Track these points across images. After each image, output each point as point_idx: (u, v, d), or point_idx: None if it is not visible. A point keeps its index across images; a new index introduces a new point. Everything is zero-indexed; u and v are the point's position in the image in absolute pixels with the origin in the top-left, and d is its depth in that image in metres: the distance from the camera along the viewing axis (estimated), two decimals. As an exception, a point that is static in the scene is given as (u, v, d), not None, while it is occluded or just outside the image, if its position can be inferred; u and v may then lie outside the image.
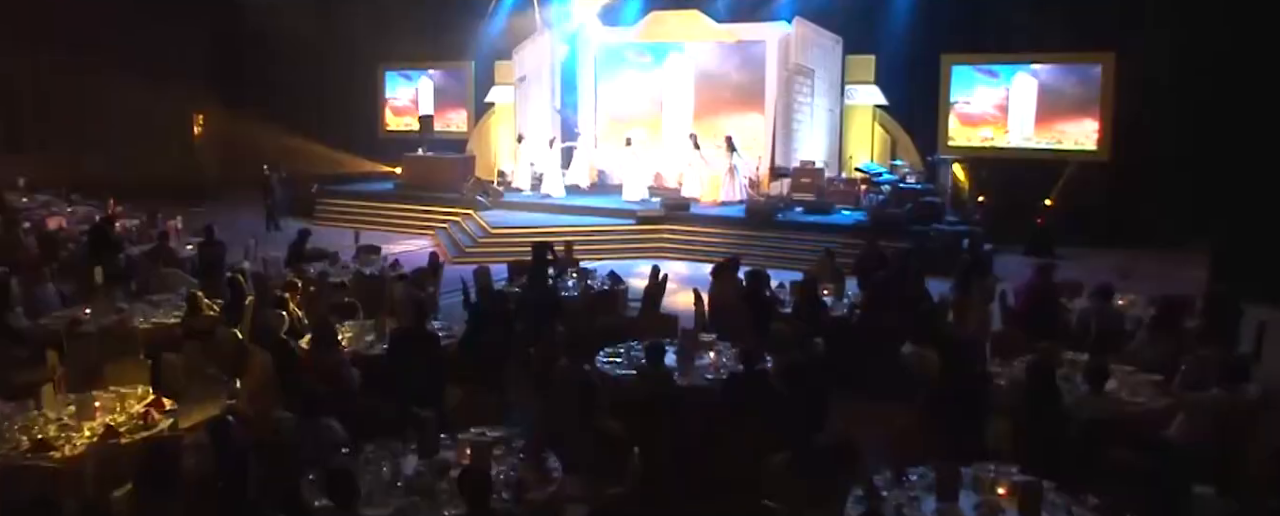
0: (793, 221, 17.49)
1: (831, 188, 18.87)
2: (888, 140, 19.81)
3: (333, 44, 24.27)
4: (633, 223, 18.06)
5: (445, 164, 21.97)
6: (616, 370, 7.91)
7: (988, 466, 5.63)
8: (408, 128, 25.41)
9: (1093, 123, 18.30)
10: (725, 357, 8.19)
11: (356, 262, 12.54)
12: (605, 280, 11.46)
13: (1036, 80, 18.79)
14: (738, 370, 7.43)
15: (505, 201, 19.98)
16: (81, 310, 9.84)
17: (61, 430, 6.58)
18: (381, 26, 24.26)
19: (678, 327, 9.22)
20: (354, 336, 8.91)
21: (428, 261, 12.86)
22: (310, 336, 8.43)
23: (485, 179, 21.50)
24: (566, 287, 11.07)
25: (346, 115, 25.51)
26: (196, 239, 13.51)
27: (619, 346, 8.46)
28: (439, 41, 24.28)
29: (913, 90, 19.50)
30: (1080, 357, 7.91)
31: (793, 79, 19.59)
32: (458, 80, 25.06)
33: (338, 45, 24.36)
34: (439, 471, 5.66)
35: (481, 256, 16.57)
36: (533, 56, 22.22)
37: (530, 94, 22.23)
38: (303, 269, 12.01)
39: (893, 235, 16.00)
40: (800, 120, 19.77)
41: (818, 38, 19.64)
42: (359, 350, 8.53)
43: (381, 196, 21.77)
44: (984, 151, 19.06)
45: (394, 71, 26.13)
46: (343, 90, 25.35)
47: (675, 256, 17.27)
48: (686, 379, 7.70)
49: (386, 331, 8.81)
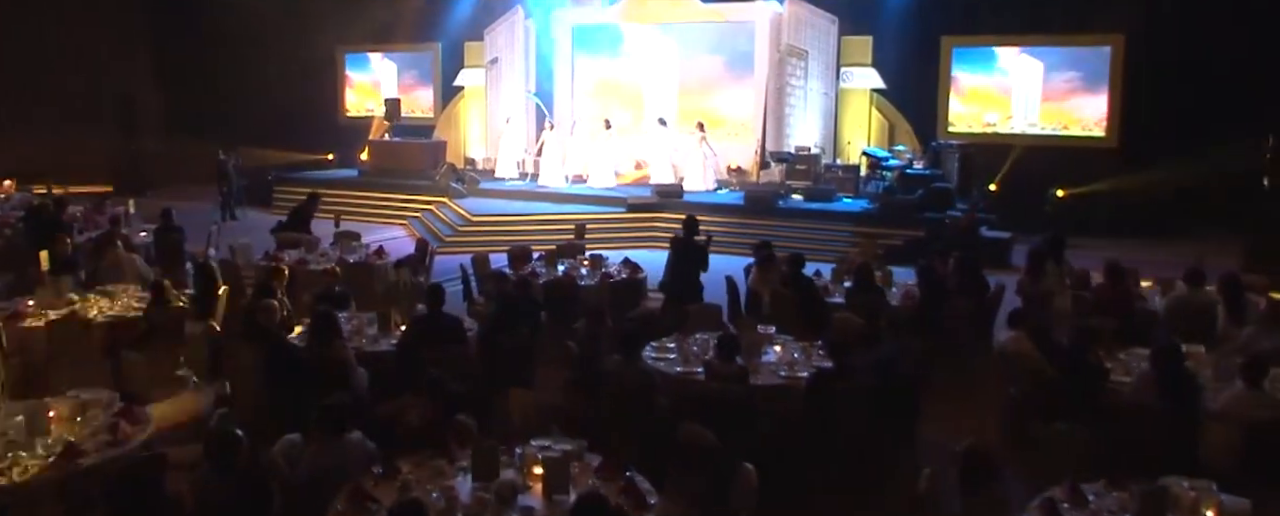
0: (794, 209, 16.47)
1: (830, 174, 17.90)
2: (885, 125, 18.90)
3: (289, 24, 22.68)
4: (623, 211, 16.91)
5: (414, 149, 20.60)
6: (672, 367, 6.78)
7: (1180, 481, 4.60)
8: (371, 112, 23.92)
9: (1100, 107, 17.55)
10: (795, 352, 7.10)
11: (337, 249, 11.19)
12: (621, 268, 10.31)
13: (1041, 63, 17.98)
14: (823, 367, 6.36)
15: (482, 188, 18.68)
16: (23, 302, 8.43)
17: (8, 448, 5.26)
18: (340, 4, 22.70)
19: (722, 319, 8.09)
20: (352, 330, 7.65)
21: (416, 248, 11.65)
22: (305, 328, 7.15)
23: (458, 165, 20.17)
24: (581, 276, 9.91)
25: (304, 99, 23.86)
26: (151, 225, 12.05)
27: (665, 340, 7.32)
28: (402, 22, 22.82)
29: (911, 73, 18.58)
30: (1194, 348, 6.96)
31: (785, 61, 18.60)
32: (423, 63, 23.64)
33: (294, 25, 22.76)
34: (505, 496, 4.47)
35: (464, 246, 15.36)
36: (505, 37, 20.96)
37: (502, 77, 20.98)
38: (280, 255, 10.68)
39: (903, 222, 15.14)
40: (793, 104, 18.78)
41: (812, 17, 18.68)
42: (360, 346, 7.28)
43: (346, 184, 20.31)
44: (987, 137, 18.23)
45: (355, 53, 24.57)
46: (300, 72, 23.67)
47: (668, 245, 16.12)
48: (757, 377, 6.58)
49: (393, 324, 7.57)
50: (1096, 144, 17.53)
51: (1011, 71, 18.23)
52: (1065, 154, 17.53)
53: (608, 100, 20.50)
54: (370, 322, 7.76)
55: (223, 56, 23.08)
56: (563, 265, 10.37)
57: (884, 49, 18.59)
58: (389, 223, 18.39)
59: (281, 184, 20.64)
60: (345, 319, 7.86)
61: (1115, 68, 17.31)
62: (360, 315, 8.08)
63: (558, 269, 10.18)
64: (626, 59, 20.38)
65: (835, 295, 9.19)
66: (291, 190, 20.28)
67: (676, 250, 10.36)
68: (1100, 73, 17.50)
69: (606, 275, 9.91)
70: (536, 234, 15.84)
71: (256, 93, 22.95)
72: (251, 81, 23.03)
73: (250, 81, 23.04)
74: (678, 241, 10.46)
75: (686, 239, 10.32)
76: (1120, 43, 17.19)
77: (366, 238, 14.74)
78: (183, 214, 16.50)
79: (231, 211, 18.76)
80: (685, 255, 10.07)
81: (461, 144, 22.19)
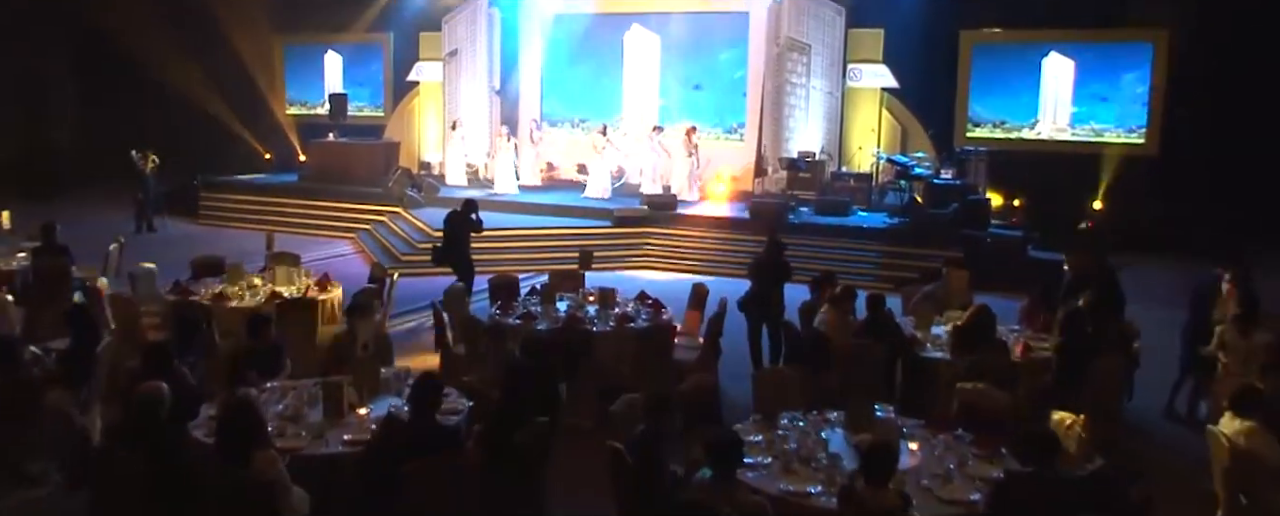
0: (807, 224, 14.33)
1: (840, 184, 15.82)
2: (897, 128, 16.90)
3: (223, 12, 20.03)
4: (608, 224, 14.66)
5: (362, 152, 18.17)
6: (773, 482, 4.55)
7: None
8: (312, 110, 21.35)
9: (1139, 112, 15.71)
10: (936, 448, 4.91)
11: (269, 277, 8.74)
12: (637, 305, 8.05)
13: (1072, 60, 16.09)
14: (1012, 471, 4.21)
15: (441, 197, 16.27)
16: None
17: None
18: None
19: (813, 389, 5.87)
20: (283, 417, 5.26)
21: (371, 277, 9.28)
22: (218, 418, 4.74)
23: (412, 170, 17.76)
24: (588, 318, 7.64)
25: (238, 94, 21.13)
26: (31, 244, 9.47)
27: (746, 431, 5.09)
28: (350, 10, 20.31)
29: (927, 71, 16.58)
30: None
31: (784, 56, 16.51)
32: (372, 56, 21.14)
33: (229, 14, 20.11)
34: None
35: (423, 266, 13.01)
36: (465, 27, 18.62)
37: (462, 72, 18.66)
38: (189, 289, 8.24)
39: (938, 240, 13.09)
40: (794, 105, 16.68)
41: (815, 7, 16.62)
42: (296, 446, 4.89)
43: (283, 190, 17.74)
44: (1011, 143, 16.31)
45: (297, 45, 21.95)
46: (234, 64, 20.94)
47: (661, 265, 14.04)
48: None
49: (348, 406, 5.24)
50: (1135, 151, 15.69)
51: (1039, 70, 16.31)
52: (1099, 163, 15.71)
53: (578, 99, 18.24)
54: (311, 404, 5.38)
55: (147, 42, 20.21)
56: (564, 301, 8.09)
57: (896, 44, 16.64)
58: (334, 236, 15.93)
59: (209, 189, 18.01)
60: (273, 397, 5.49)
61: (1158, 67, 15.49)
62: (296, 389, 5.68)
63: (557, 307, 7.90)
64: (601, 53, 18.08)
65: (925, 345, 7.06)
66: (219, 197, 17.73)
67: (761, 288, 8.24)
68: (1140, 72, 15.66)
69: (623, 317, 7.63)
70: (511, 252, 13.55)
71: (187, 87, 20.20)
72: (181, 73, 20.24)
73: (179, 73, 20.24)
74: (763, 269, 8.41)
75: (772, 263, 8.25)
76: (1165, 38, 15.37)
77: (307, 255, 12.39)
78: (94, 226, 14.08)
79: (149, 221, 16.12)
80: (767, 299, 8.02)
81: (416, 146, 19.89)
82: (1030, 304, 7.81)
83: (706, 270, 13.40)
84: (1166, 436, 7.36)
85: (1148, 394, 7.76)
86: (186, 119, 20.42)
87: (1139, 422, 7.51)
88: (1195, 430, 6.74)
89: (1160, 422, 7.65)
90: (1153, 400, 7.80)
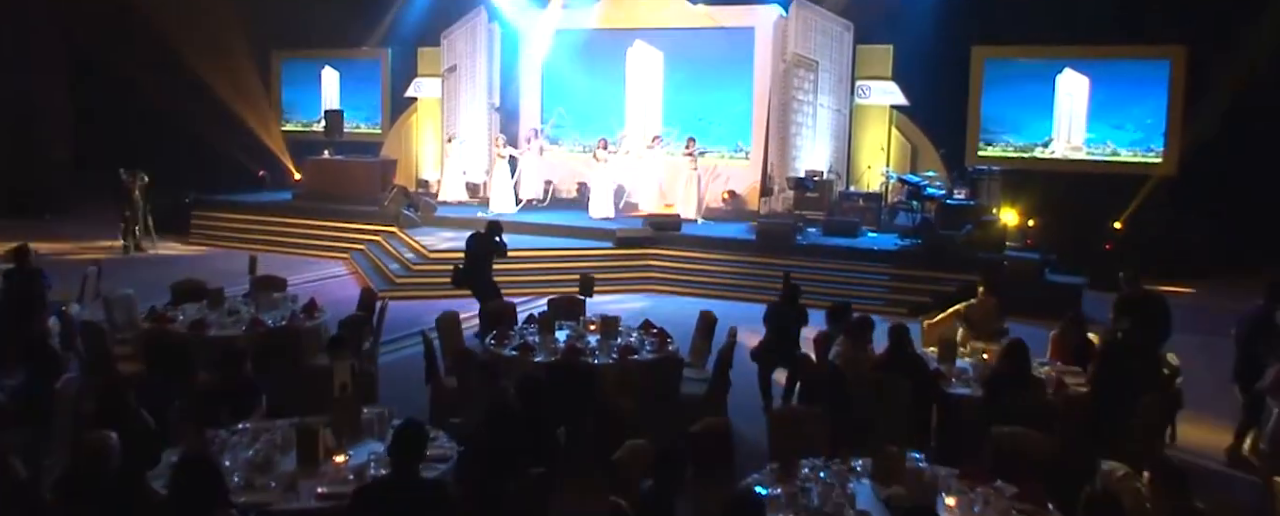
0: (815, 246, 13.86)
1: (848, 204, 15.36)
2: (907, 147, 16.46)
3: (219, 26, 19.63)
4: (610, 246, 14.19)
5: (359, 169, 17.72)
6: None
7: None
8: (308, 126, 20.96)
9: (1157, 131, 15.28)
10: (976, 505, 4.42)
11: (253, 304, 8.27)
12: (642, 335, 7.57)
13: (1087, 77, 15.66)
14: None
15: (439, 217, 15.81)
16: None
17: None
18: (277, 5, 19.68)
19: (833, 431, 5.38)
20: (253, 467, 4.76)
21: (360, 303, 8.81)
22: (171, 479, 4.23)
23: (410, 188, 17.30)
24: (590, 349, 7.15)
25: (234, 111, 20.66)
26: (4, 266, 9.01)
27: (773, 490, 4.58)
28: (347, 26, 19.93)
29: (938, 88, 16.16)
30: None
31: (791, 72, 16.07)
32: (370, 71, 20.76)
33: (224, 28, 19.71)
34: None
35: (420, 288, 12.61)
36: (465, 43, 18.24)
37: (461, 87, 18.28)
38: (169, 316, 7.76)
39: (951, 264, 12.61)
40: (800, 123, 16.23)
41: (823, 23, 16.23)
42: (268, 503, 4.39)
43: (276, 209, 17.26)
44: (1025, 162, 15.86)
45: (294, 60, 21.56)
46: (230, 81, 20.50)
47: (665, 288, 13.56)
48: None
49: (325, 451, 4.75)
50: (1152, 170, 15.23)
51: (1053, 87, 15.88)
52: (1116, 183, 15.23)
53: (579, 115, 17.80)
54: (284, 449, 4.88)
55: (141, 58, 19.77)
56: (563, 330, 7.61)
57: (906, 60, 16.25)
58: (327, 256, 15.46)
59: (201, 208, 17.55)
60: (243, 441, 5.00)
61: (1176, 84, 15.05)
62: (269, 431, 5.17)
63: (556, 337, 7.42)
64: (604, 68, 17.64)
65: (951, 381, 6.58)
66: (211, 216, 17.28)
67: (778, 339, 7.90)
68: (1158, 90, 15.22)
69: (627, 348, 7.14)
70: (508, 276, 13.01)
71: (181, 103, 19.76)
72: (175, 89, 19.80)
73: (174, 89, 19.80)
74: (780, 317, 8.05)
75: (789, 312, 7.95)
76: (1182, 55, 14.94)
77: (302, 276, 11.95)
78: (87, 247, 13.65)
79: (136, 242, 15.65)
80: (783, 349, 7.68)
81: (414, 163, 19.48)
82: (1061, 332, 7.32)
83: (712, 293, 12.94)
84: (1220, 484, 6.78)
85: (1187, 434, 7.26)
86: (180, 137, 19.96)
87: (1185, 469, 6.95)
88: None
89: (1209, 468, 7.10)
90: (1191, 441, 7.29)
